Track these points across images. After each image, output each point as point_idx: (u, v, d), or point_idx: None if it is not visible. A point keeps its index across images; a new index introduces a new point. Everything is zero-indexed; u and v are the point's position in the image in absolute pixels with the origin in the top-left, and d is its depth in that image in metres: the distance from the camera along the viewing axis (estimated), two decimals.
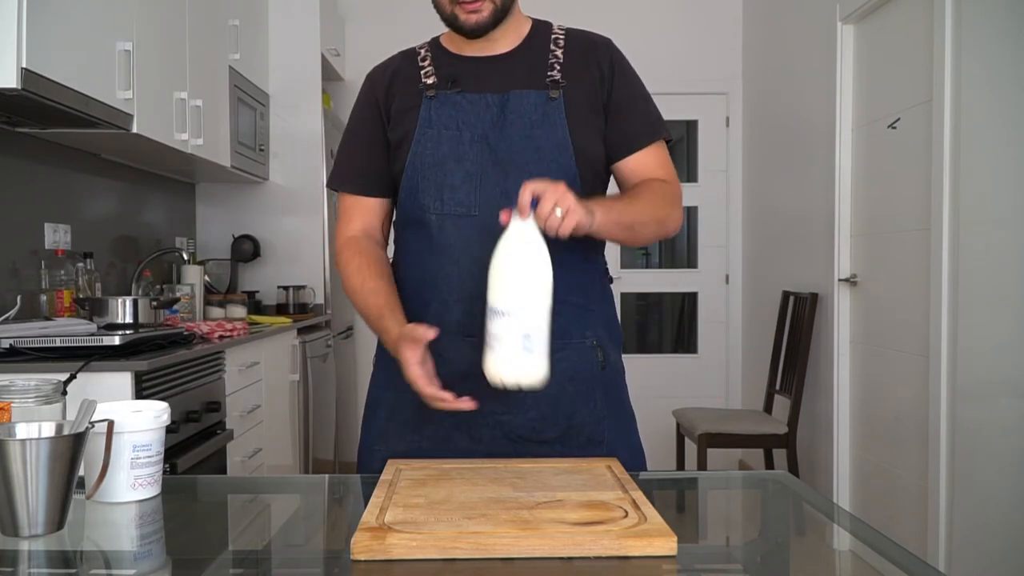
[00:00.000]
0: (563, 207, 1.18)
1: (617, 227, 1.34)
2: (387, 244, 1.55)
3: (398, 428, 1.46)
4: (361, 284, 1.43)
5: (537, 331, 1.15)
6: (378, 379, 1.53)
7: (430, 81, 1.46)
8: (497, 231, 1.31)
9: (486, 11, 1.39)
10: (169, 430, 1.19)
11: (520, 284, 1.15)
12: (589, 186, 1.44)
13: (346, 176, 1.53)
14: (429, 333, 1.27)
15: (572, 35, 1.50)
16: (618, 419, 1.49)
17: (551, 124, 1.41)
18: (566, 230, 1.18)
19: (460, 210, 1.40)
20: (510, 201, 1.32)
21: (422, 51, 1.52)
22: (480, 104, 1.42)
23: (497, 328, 1.16)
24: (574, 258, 1.43)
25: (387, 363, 1.49)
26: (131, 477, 1.10)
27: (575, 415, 1.43)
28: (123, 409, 1.13)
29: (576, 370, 1.44)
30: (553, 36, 1.50)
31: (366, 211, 1.52)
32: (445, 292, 1.41)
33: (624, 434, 1.49)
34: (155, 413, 1.13)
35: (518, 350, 1.13)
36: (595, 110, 1.45)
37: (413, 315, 1.42)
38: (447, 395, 1.27)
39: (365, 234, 1.51)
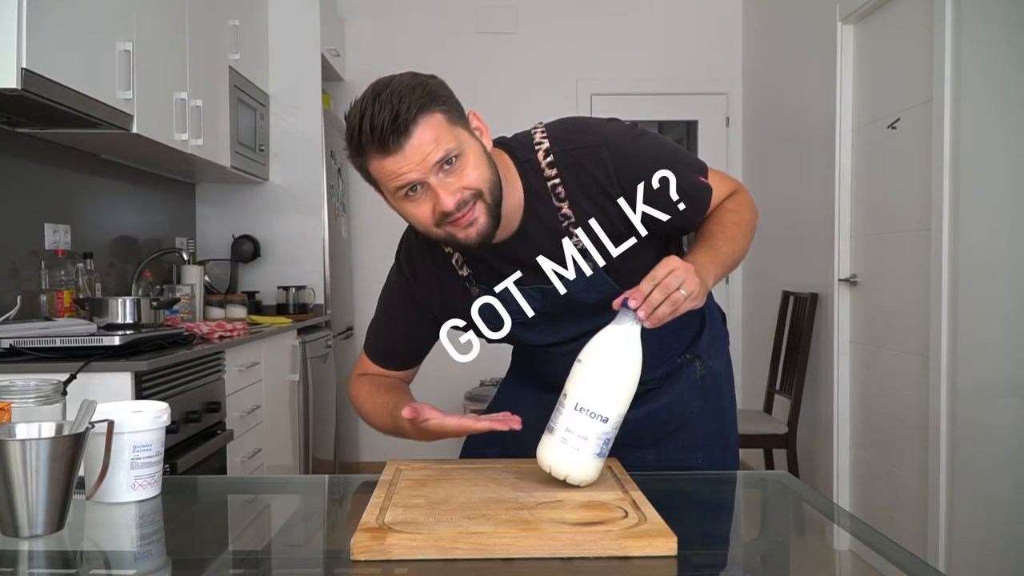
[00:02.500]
0: (688, 289, 1.12)
1: (724, 272, 1.30)
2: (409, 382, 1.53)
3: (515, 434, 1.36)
4: (372, 405, 1.40)
5: (613, 438, 1.13)
6: (507, 381, 1.58)
7: (465, 273, 1.36)
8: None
9: (480, 214, 1.20)
10: (169, 430, 1.19)
11: (625, 393, 1.12)
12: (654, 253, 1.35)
13: (374, 347, 1.47)
14: (424, 411, 1.21)
15: (559, 156, 1.29)
16: (716, 420, 1.49)
17: (590, 282, 1.31)
18: (684, 310, 1.14)
19: (561, 337, 1.38)
20: (582, 329, 1.31)
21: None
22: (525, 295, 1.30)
23: (582, 427, 1.10)
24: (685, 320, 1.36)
25: (521, 367, 1.55)
26: (131, 477, 1.10)
27: (670, 423, 1.45)
28: (123, 409, 1.13)
29: (676, 389, 1.46)
30: (545, 174, 1.30)
31: (385, 373, 1.48)
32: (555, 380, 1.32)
33: (720, 434, 1.49)
34: (155, 413, 1.13)
35: (593, 454, 1.10)
36: (620, 231, 1.28)
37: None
38: (497, 416, 1.20)
39: (379, 374, 1.47)
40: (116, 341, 2.17)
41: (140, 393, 2.10)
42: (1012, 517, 2.44)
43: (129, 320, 2.50)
